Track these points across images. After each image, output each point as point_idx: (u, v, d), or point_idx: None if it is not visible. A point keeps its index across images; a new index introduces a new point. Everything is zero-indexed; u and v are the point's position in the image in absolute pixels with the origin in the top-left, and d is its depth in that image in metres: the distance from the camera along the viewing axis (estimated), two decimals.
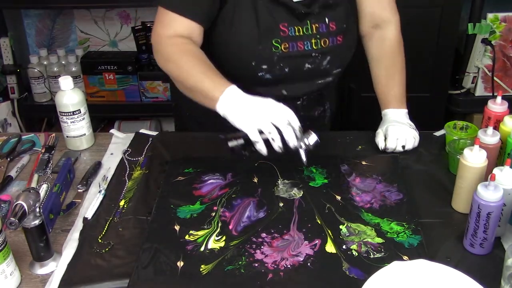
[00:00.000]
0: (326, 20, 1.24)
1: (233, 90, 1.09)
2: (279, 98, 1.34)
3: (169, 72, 1.19)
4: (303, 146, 1.05)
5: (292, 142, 1.04)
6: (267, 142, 1.04)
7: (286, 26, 1.22)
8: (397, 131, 1.28)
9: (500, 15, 2.05)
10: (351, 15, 1.32)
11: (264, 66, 1.25)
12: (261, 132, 1.04)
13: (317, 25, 1.24)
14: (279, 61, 1.25)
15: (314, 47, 1.25)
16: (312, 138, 1.06)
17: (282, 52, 1.23)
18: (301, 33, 1.23)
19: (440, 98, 2.22)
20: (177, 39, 1.17)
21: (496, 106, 1.16)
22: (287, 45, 1.23)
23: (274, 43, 1.22)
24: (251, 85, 1.30)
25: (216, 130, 1.17)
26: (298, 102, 1.37)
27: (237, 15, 1.20)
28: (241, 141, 1.07)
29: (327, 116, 1.47)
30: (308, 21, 1.23)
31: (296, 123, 1.05)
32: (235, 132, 1.07)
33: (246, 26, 1.21)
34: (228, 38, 1.23)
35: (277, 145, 1.04)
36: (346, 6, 1.28)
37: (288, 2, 1.20)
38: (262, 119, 1.04)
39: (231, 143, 1.08)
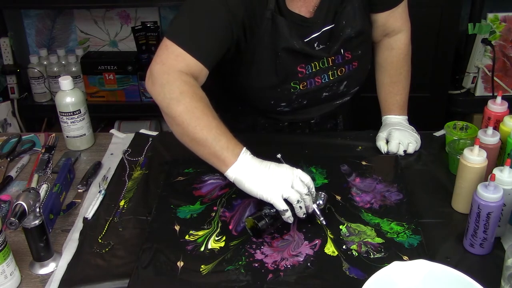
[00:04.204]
0: (342, 51, 1.24)
1: (248, 156, 1.01)
2: (295, 120, 1.36)
3: (173, 112, 1.03)
4: (317, 206, 1.02)
5: (312, 208, 1.00)
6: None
7: (303, 66, 1.22)
8: (400, 135, 1.28)
9: (500, 15, 2.05)
10: (369, 41, 1.31)
11: (283, 104, 1.27)
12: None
13: (333, 57, 1.24)
14: (298, 98, 1.26)
15: (331, 78, 1.26)
16: (323, 198, 1.03)
17: (301, 90, 1.24)
18: (318, 68, 1.23)
19: (440, 98, 2.22)
20: (189, 78, 1.05)
21: (496, 106, 1.16)
22: (305, 83, 1.24)
23: (293, 85, 1.23)
24: (269, 113, 1.32)
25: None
26: (312, 121, 1.39)
27: (257, 60, 1.19)
28: (270, 219, 0.98)
29: (339, 128, 1.48)
30: (324, 56, 1.23)
31: (313, 188, 1.01)
32: (253, 214, 1.01)
33: (265, 73, 1.20)
34: (247, 81, 1.23)
35: (302, 212, 0.99)
36: (365, 35, 1.26)
37: (310, 51, 1.19)
38: (287, 188, 0.97)
39: (261, 224, 0.97)
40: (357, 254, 0.97)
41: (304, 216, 1.00)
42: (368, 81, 1.37)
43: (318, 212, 1.01)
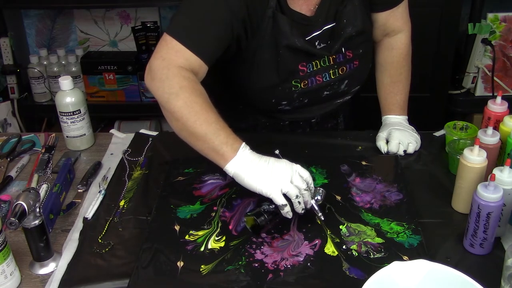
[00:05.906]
0: (343, 50, 1.24)
1: (247, 151, 1.01)
2: (296, 119, 1.36)
3: (172, 107, 1.03)
4: (315, 202, 1.02)
5: (310, 203, 1.00)
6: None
7: (304, 65, 1.22)
8: (400, 135, 1.28)
9: (500, 15, 2.05)
10: (370, 40, 1.31)
11: (284, 102, 1.27)
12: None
13: (334, 56, 1.24)
14: (299, 96, 1.26)
15: (332, 76, 1.26)
16: (321, 193, 1.03)
17: (302, 89, 1.24)
18: (319, 66, 1.23)
19: (440, 98, 2.22)
20: (189, 73, 1.05)
21: (496, 106, 1.16)
22: (306, 82, 1.24)
23: (294, 83, 1.23)
24: (270, 112, 1.32)
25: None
26: (313, 120, 1.39)
27: (258, 59, 1.19)
28: (269, 215, 0.98)
29: (340, 128, 1.48)
30: (325, 55, 1.23)
31: (312, 184, 1.01)
32: (252, 210, 1.01)
33: (266, 71, 1.20)
34: (248, 80, 1.23)
35: (301, 208, 0.99)
36: (366, 34, 1.26)
37: (311, 50, 1.20)
38: (286, 183, 0.97)
39: (260, 220, 0.98)
40: (357, 254, 0.97)
41: (302, 211, 1.00)
42: (368, 80, 1.37)
43: (317, 208, 1.01)
